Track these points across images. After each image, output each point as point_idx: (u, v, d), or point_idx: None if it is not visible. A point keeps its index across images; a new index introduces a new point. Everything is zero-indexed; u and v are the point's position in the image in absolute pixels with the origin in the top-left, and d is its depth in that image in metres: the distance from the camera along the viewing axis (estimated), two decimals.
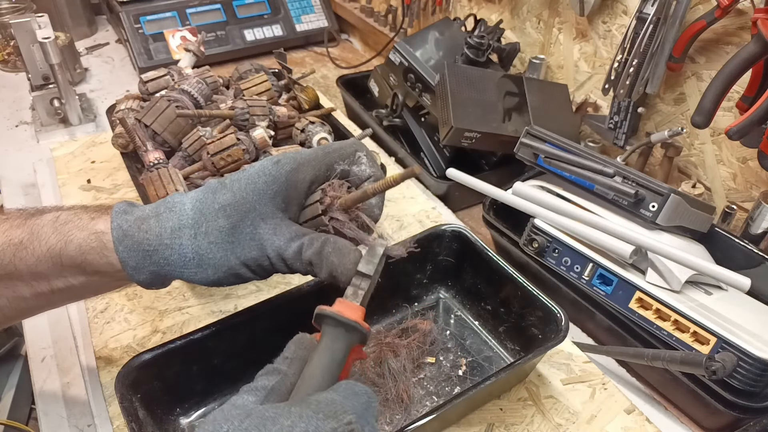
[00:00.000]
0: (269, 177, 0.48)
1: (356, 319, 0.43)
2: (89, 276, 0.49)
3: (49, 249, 0.48)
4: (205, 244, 0.46)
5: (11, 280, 0.48)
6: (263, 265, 0.48)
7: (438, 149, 1.05)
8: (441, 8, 1.33)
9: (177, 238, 0.46)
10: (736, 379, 0.59)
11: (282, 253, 0.47)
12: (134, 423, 0.51)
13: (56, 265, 0.48)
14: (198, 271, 0.47)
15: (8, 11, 1.34)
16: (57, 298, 0.51)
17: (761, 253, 0.73)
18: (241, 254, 0.47)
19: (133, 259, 0.47)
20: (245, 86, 0.90)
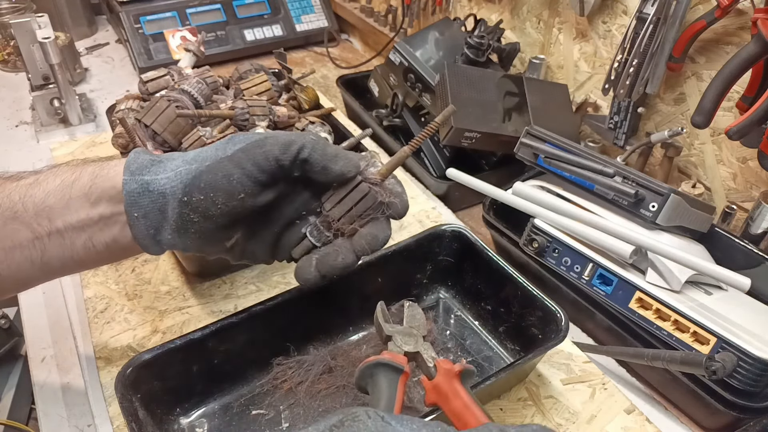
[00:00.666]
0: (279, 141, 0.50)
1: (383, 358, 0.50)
2: (91, 207, 0.49)
3: (62, 181, 0.49)
4: (206, 149, 0.49)
5: (15, 221, 0.48)
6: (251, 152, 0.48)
7: (438, 149, 1.05)
8: (441, 8, 1.33)
9: (184, 155, 0.49)
10: (736, 379, 0.59)
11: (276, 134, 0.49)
12: (134, 423, 0.51)
13: (65, 197, 0.48)
14: (184, 168, 0.48)
15: (8, 11, 1.34)
16: (51, 247, 0.49)
17: (761, 253, 0.73)
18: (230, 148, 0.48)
19: (136, 164, 0.48)
20: (245, 86, 0.90)
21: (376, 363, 0.49)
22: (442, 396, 0.50)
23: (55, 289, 0.77)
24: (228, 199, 0.48)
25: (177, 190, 0.47)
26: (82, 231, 0.49)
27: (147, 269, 0.79)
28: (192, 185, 0.47)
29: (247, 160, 0.47)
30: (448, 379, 0.50)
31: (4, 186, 0.49)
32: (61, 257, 0.50)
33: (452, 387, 0.50)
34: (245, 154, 0.48)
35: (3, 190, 0.49)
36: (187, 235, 0.49)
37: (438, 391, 0.51)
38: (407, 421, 0.36)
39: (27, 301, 0.76)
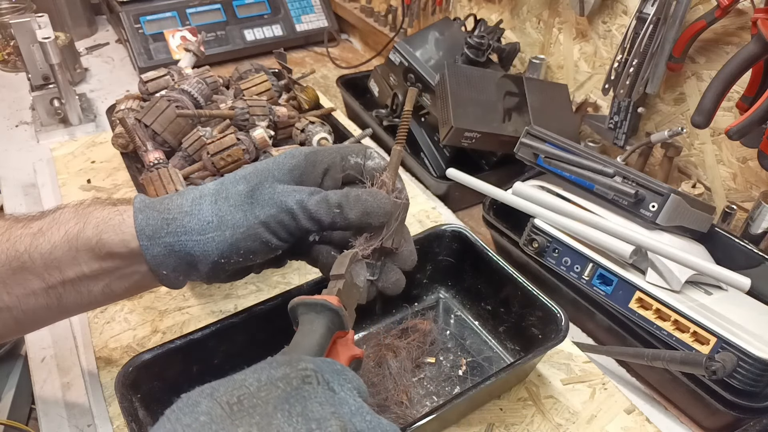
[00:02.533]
0: (288, 155, 0.49)
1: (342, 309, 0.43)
2: (102, 261, 0.47)
3: (66, 232, 0.47)
4: (226, 207, 0.46)
5: (24, 271, 0.47)
6: (284, 222, 0.47)
7: (438, 149, 1.05)
8: (441, 8, 1.33)
9: (197, 205, 0.47)
10: (736, 379, 0.59)
11: (305, 203, 0.46)
12: (134, 423, 0.51)
13: (72, 249, 0.47)
14: (216, 234, 0.46)
15: (8, 11, 1.34)
16: (67, 296, 0.49)
17: (761, 253, 0.73)
18: (260, 213, 0.46)
19: (150, 227, 0.46)
20: (245, 86, 0.90)
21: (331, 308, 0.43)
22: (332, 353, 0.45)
23: None
24: (265, 255, 0.49)
25: (211, 255, 0.47)
26: (98, 280, 0.49)
27: None
28: (227, 252, 0.47)
29: (281, 228, 0.47)
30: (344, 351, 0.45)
31: (10, 233, 0.48)
32: (80, 303, 0.50)
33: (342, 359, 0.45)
34: (279, 223, 0.47)
35: (9, 237, 0.48)
36: (220, 277, 0.50)
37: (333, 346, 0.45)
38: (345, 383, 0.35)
39: None
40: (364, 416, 0.34)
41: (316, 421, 0.32)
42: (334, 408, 0.33)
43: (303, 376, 0.34)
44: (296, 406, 0.32)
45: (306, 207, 0.46)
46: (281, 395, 0.32)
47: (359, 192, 0.48)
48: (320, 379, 0.34)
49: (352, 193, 0.47)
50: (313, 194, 0.47)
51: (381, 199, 0.48)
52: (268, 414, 0.31)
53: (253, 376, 0.33)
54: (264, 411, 0.31)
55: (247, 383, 0.33)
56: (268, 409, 0.31)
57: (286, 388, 0.33)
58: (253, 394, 0.32)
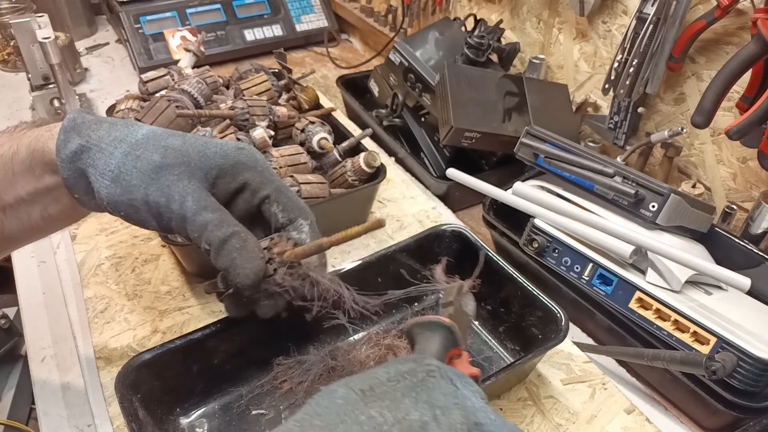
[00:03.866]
0: (222, 153, 0.48)
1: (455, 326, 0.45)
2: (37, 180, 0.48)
3: (1, 156, 0.48)
4: (130, 166, 0.46)
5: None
6: (163, 215, 0.46)
7: (438, 149, 1.05)
8: (441, 8, 1.33)
9: (113, 147, 0.46)
10: (736, 379, 0.59)
11: (187, 216, 0.45)
12: (134, 423, 0.51)
13: (8, 172, 0.48)
14: (109, 184, 0.46)
15: (8, 11, 1.34)
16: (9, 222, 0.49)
17: (761, 253, 0.73)
18: (151, 192, 0.45)
19: (67, 149, 0.46)
20: (245, 86, 0.90)
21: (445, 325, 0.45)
22: None
23: (55, 289, 0.77)
24: (148, 227, 0.48)
25: (101, 198, 0.46)
26: (35, 203, 0.49)
27: (147, 269, 0.79)
28: (113, 207, 0.46)
29: (161, 217, 0.46)
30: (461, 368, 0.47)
31: None
32: (21, 228, 0.50)
33: None
34: (158, 213, 0.46)
35: None
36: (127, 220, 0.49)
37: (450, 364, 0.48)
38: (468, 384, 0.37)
39: (27, 301, 0.76)
40: (488, 414, 0.36)
41: (441, 408, 0.34)
42: (457, 400, 0.36)
43: (428, 370, 0.36)
44: (422, 394, 0.35)
45: (186, 220, 0.45)
46: (408, 384, 0.35)
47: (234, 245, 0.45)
48: (443, 375, 0.37)
49: (229, 243, 0.45)
50: (205, 210, 0.45)
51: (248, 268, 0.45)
52: (397, 399, 0.34)
53: (383, 370, 0.36)
54: (393, 396, 0.34)
55: (378, 374, 0.36)
56: (396, 395, 0.35)
57: (412, 379, 0.36)
58: (383, 383, 0.35)
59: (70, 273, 0.79)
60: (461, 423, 0.34)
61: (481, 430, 0.35)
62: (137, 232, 0.85)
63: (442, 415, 0.34)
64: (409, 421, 0.33)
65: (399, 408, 0.34)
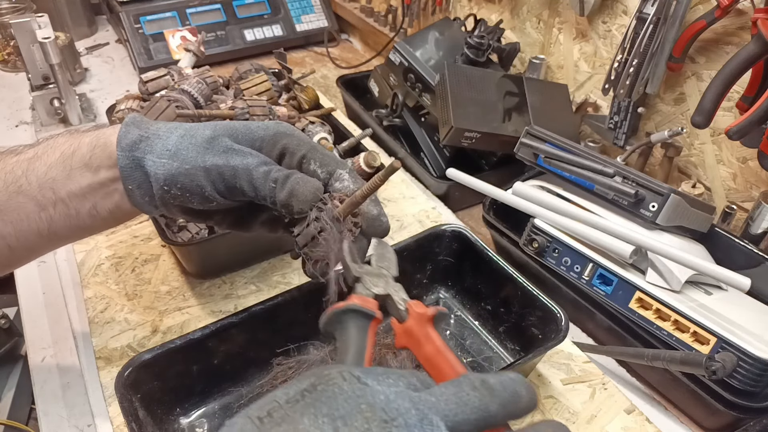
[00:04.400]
0: (264, 126, 0.52)
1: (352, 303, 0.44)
2: (93, 175, 0.50)
3: (62, 153, 0.51)
4: (186, 143, 0.49)
5: (19, 195, 0.50)
6: (224, 175, 0.49)
7: (438, 149, 1.05)
8: (441, 8, 1.33)
9: (169, 133, 0.50)
10: (736, 379, 0.59)
11: (251, 169, 0.48)
12: (134, 423, 0.51)
13: (66, 168, 0.50)
14: (167, 161, 0.49)
15: (8, 11, 1.34)
16: (57, 217, 0.51)
17: (761, 253, 0.73)
18: (208, 158, 0.49)
19: (127, 139, 0.49)
20: (245, 86, 0.90)
21: (345, 309, 0.44)
22: (413, 340, 0.47)
23: (55, 289, 0.77)
24: (201, 202, 0.50)
25: (159, 179, 0.49)
26: (86, 199, 0.51)
27: (147, 269, 0.79)
28: (169, 182, 0.49)
29: (219, 180, 0.49)
30: (420, 323, 0.47)
31: (5, 161, 0.51)
32: (68, 226, 0.52)
33: (424, 331, 0.47)
34: (219, 175, 0.49)
35: (4, 165, 0.51)
36: (172, 210, 0.52)
37: (409, 335, 0.47)
38: (383, 376, 0.34)
39: (27, 301, 0.76)
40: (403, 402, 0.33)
41: (342, 418, 0.32)
42: (364, 399, 0.33)
43: (327, 379, 0.34)
44: (322, 408, 0.33)
45: (250, 171, 0.49)
46: (308, 402, 0.33)
47: (296, 178, 0.48)
48: (347, 377, 0.34)
49: (292, 175, 0.48)
50: (262, 165, 0.49)
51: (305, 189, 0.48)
52: (295, 420, 0.32)
53: (283, 391, 0.34)
54: (292, 419, 0.32)
55: (277, 397, 0.34)
56: (295, 417, 0.32)
57: (312, 394, 0.33)
58: (281, 407, 0.33)
59: (70, 273, 0.79)
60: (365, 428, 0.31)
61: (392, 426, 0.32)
62: (137, 232, 0.85)
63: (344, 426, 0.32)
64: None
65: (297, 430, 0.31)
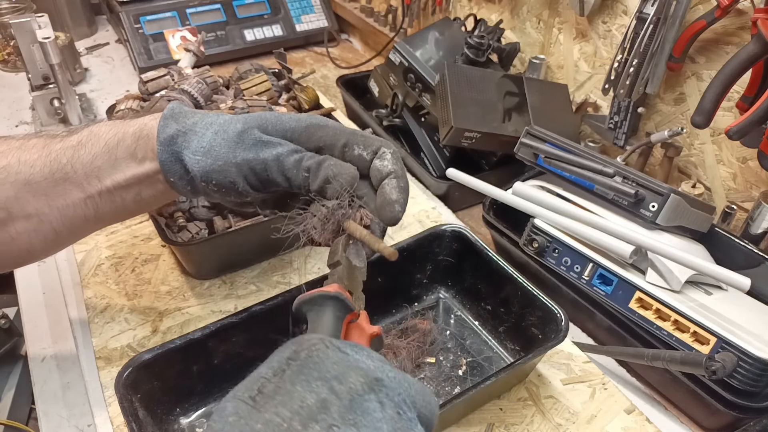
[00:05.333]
0: (294, 117, 0.52)
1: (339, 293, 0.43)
2: (138, 165, 0.51)
3: (106, 143, 0.52)
4: (219, 139, 0.50)
5: (66, 182, 0.51)
6: (256, 169, 0.49)
7: (438, 149, 1.05)
8: (441, 8, 1.33)
9: (205, 129, 0.51)
10: (736, 379, 0.59)
11: (282, 160, 0.49)
12: (134, 423, 0.51)
13: (111, 158, 0.51)
14: (201, 159, 0.49)
15: (8, 11, 1.34)
16: (103, 205, 0.52)
17: (761, 253, 0.73)
18: (239, 154, 0.49)
19: (165, 134, 0.50)
20: (245, 86, 0.90)
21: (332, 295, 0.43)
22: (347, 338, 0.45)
23: (55, 289, 0.77)
24: (237, 196, 0.51)
25: (196, 175, 0.50)
26: (131, 188, 0.53)
27: (147, 269, 0.79)
28: (206, 178, 0.50)
29: (251, 174, 0.49)
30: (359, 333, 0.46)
31: (50, 148, 0.52)
32: (114, 210, 0.54)
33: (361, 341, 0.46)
34: (251, 169, 0.49)
35: (49, 152, 0.52)
36: (214, 197, 0.53)
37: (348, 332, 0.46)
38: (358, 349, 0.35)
39: (27, 301, 0.76)
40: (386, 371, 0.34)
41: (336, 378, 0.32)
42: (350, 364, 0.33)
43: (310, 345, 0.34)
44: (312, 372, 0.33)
45: (281, 161, 0.49)
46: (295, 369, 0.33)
47: (330, 163, 0.48)
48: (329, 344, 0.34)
49: (325, 162, 0.48)
50: (293, 153, 0.49)
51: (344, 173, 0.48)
52: (288, 391, 0.32)
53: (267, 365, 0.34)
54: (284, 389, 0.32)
55: (262, 373, 0.34)
56: (287, 387, 0.32)
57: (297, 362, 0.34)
58: (270, 380, 0.33)
59: (70, 273, 0.79)
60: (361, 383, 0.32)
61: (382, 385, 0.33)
62: (137, 232, 0.85)
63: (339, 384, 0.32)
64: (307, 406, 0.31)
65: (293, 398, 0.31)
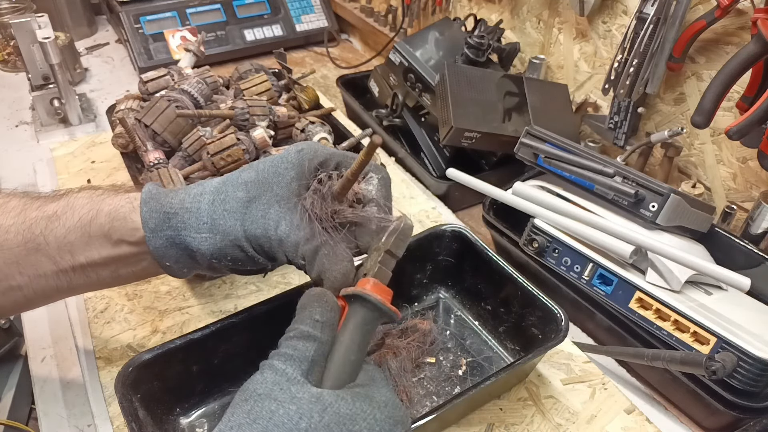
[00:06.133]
0: (290, 163, 0.50)
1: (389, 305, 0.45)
2: (113, 247, 0.50)
3: (80, 218, 0.50)
4: (220, 210, 0.48)
5: (38, 253, 0.49)
6: (264, 247, 0.49)
7: (438, 149, 1.05)
8: (441, 8, 1.33)
9: (197, 202, 0.49)
10: (736, 379, 0.59)
11: (284, 239, 0.48)
12: (134, 423, 0.51)
13: (84, 235, 0.49)
14: (208, 236, 0.48)
15: (8, 11, 1.34)
16: (77, 279, 0.51)
17: (761, 253, 0.73)
18: (249, 228, 0.48)
19: (153, 219, 0.48)
20: (245, 86, 0.90)
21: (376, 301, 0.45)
22: None
23: None
24: (254, 266, 0.50)
25: (205, 255, 0.49)
26: (106, 266, 0.51)
27: None
28: (218, 255, 0.49)
29: (260, 248, 0.49)
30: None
31: (26, 214, 0.50)
32: (88, 285, 0.53)
33: None
34: (260, 246, 0.49)
35: (24, 219, 0.50)
36: (223, 272, 0.52)
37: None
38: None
39: None
40: None
41: None
42: None
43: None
44: None
45: (283, 243, 0.48)
46: None
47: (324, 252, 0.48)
48: None
49: (320, 252, 0.48)
50: (298, 230, 0.48)
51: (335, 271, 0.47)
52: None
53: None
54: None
55: None
56: None
57: None
58: None
59: None
60: None
61: None
62: None
63: None
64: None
65: None
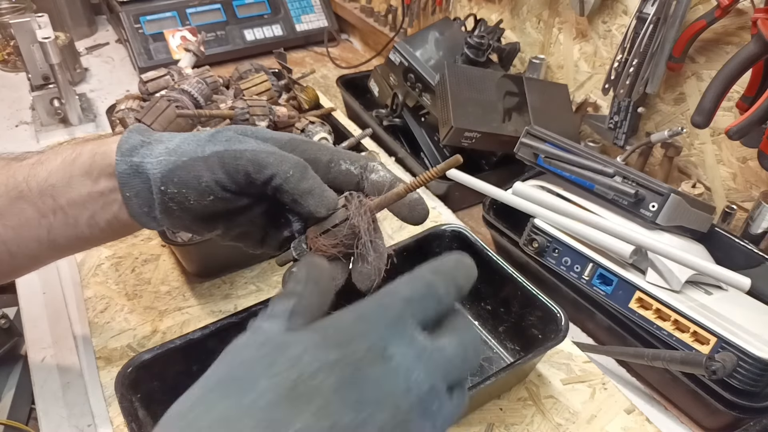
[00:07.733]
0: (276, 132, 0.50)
1: None
2: (93, 183, 0.49)
3: (63, 160, 0.50)
4: (188, 140, 0.48)
5: (20, 200, 0.50)
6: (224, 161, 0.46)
7: (438, 149, 1.05)
8: (441, 8, 1.33)
9: (173, 138, 0.49)
10: (736, 379, 0.59)
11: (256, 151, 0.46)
12: (134, 423, 0.51)
13: (66, 175, 0.49)
14: (164, 158, 0.47)
15: (8, 11, 1.34)
16: (56, 223, 0.50)
17: (761, 253, 0.73)
18: (208, 148, 0.47)
19: (127, 144, 0.48)
20: (245, 86, 0.90)
21: None
22: None
23: (55, 289, 0.77)
24: (199, 198, 0.47)
25: (156, 178, 0.47)
26: (85, 208, 0.50)
27: (147, 269, 0.79)
28: (167, 177, 0.47)
29: (219, 166, 0.46)
30: None
31: (10, 166, 0.51)
32: (67, 235, 0.52)
33: None
34: (219, 160, 0.46)
35: (8, 170, 0.50)
36: (172, 218, 0.49)
37: None
38: None
39: (27, 301, 0.76)
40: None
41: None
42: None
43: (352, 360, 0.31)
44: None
45: (255, 152, 0.46)
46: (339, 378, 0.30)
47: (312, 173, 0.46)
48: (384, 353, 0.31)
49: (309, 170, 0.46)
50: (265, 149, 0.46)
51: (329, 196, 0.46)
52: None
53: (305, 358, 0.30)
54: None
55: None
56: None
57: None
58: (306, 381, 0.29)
59: (70, 273, 0.79)
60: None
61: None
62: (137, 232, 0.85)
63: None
64: None
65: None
